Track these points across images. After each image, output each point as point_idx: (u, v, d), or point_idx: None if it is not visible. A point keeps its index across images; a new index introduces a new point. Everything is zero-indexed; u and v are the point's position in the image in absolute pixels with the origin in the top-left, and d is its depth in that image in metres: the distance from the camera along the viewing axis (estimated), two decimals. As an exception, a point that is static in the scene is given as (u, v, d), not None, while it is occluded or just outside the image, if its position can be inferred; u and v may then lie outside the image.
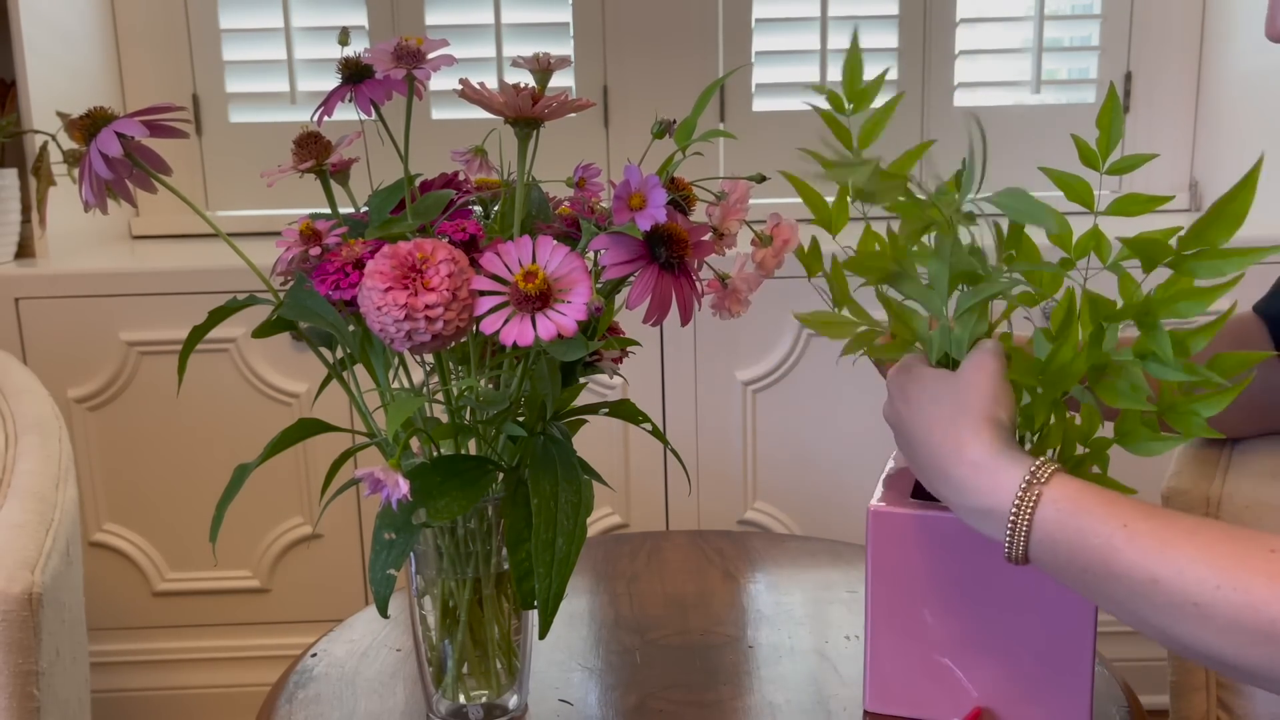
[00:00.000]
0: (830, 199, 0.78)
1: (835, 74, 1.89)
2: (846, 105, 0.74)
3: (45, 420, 1.21)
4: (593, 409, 0.77)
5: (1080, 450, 0.73)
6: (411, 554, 0.76)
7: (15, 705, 0.96)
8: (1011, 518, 0.63)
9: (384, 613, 0.70)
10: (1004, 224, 0.72)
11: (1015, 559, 0.64)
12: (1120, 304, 0.67)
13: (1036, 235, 0.73)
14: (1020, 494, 0.63)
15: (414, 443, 0.75)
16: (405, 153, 0.70)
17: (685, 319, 0.68)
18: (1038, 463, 0.63)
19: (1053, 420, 0.71)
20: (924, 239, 0.72)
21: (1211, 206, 0.64)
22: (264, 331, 0.74)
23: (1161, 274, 0.67)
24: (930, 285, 0.70)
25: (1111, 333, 0.67)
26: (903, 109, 1.91)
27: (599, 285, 0.67)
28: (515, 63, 0.71)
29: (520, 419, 0.73)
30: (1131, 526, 0.60)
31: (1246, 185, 0.63)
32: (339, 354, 0.76)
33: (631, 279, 0.66)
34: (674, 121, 0.70)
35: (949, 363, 0.71)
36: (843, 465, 1.61)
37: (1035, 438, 0.72)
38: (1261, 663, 0.55)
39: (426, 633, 0.78)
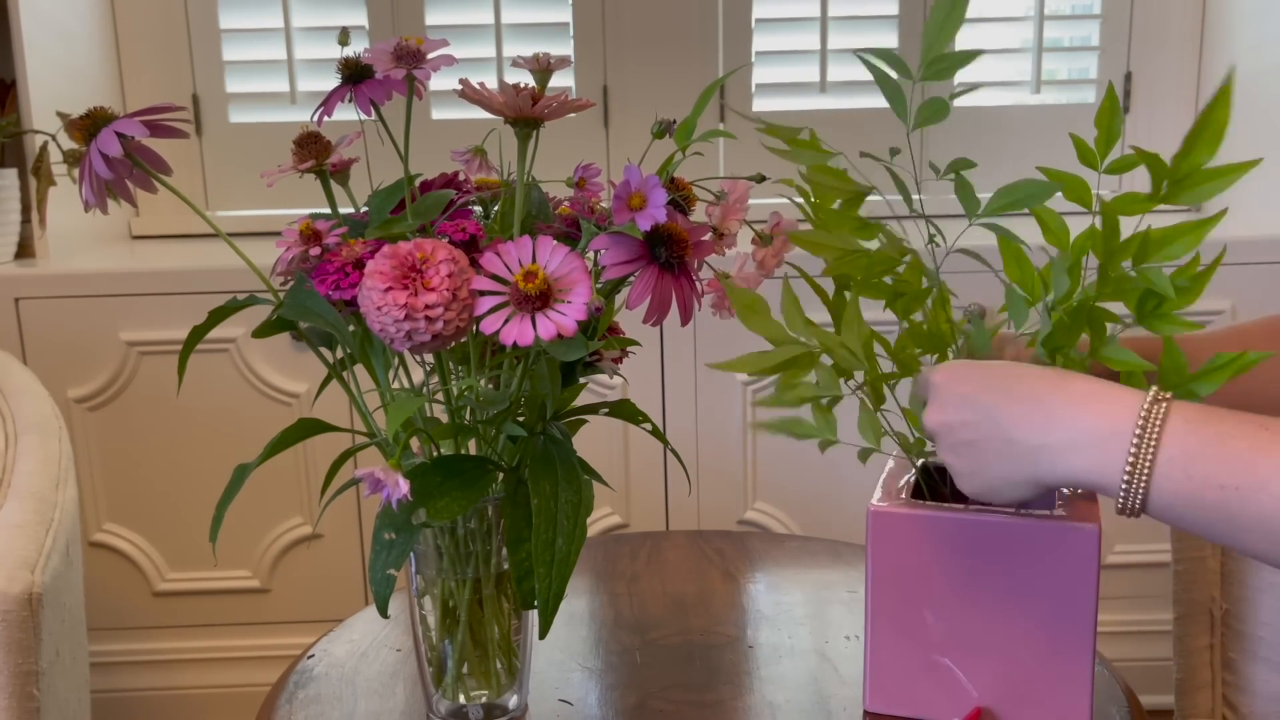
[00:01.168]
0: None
1: (835, 74, 1.89)
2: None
3: (45, 420, 1.21)
4: (593, 409, 0.77)
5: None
6: (411, 554, 0.76)
7: (15, 705, 0.96)
8: (1138, 432, 0.57)
9: (384, 613, 0.70)
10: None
11: (1134, 496, 0.57)
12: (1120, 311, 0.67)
13: (1033, 235, 0.73)
14: (1146, 408, 0.57)
15: (414, 443, 0.75)
16: (405, 153, 0.70)
17: (685, 319, 0.68)
18: (1155, 388, 0.59)
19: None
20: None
21: (1197, 118, 0.64)
22: (264, 331, 0.74)
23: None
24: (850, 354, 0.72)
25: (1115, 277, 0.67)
26: (903, 109, 1.91)
27: (599, 285, 0.67)
28: (515, 63, 0.71)
29: (520, 419, 0.73)
30: (1274, 428, 0.54)
31: (1222, 97, 0.63)
32: (339, 354, 0.76)
33: (631, 279, 0.66)
34: (674, 121, 0.70)
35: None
36: (843, 465, 1.61)
37: None
38: None
39: (426, 633, 0.78)
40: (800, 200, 0.77)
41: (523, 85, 0.69)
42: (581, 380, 0.77)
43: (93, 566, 1.62)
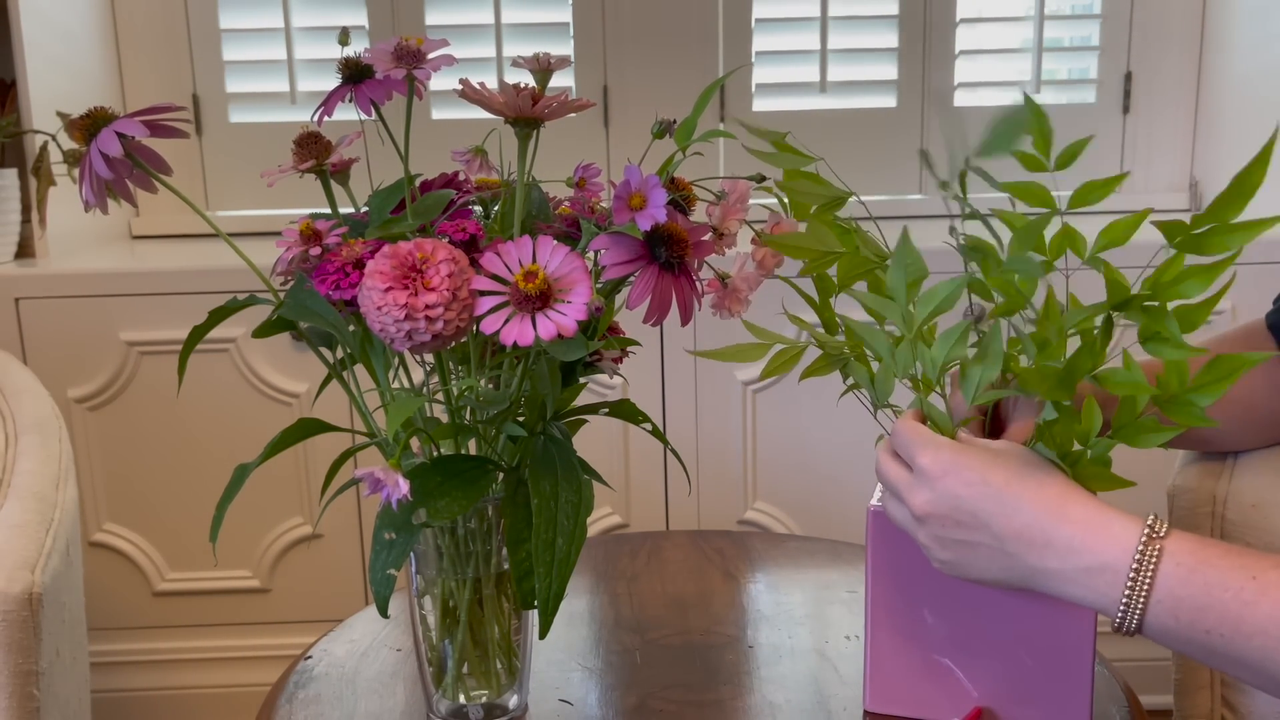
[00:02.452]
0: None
1: (835, 74, 1.89)
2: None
3: (45, 420, 1.21)
4: (593, 409, 0.77)
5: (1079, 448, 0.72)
6: (411, 554, 0.76)
7: (15, 705, 0.96)
8: (1131, 575, 0.59)
9: (384, 613, 0.70)
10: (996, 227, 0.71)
11: (1129, 626, 0.60)
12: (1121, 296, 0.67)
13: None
14: (1141, 548, 0.59)
15: (414, 443, 0.75)
16: (405, 153, 0.70)
17: (685, 319, 0.68)
18: (1153, 516, 0.61)
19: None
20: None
21: (1231, 181, 0.63)
22: (264, 331, 0.74)
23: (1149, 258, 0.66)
24: (889, 295, 0.70)
25: (1107, 325, 0.67)
26: (903, 109, 1.91)
27: (599, 285, 0.67)
28: (515, 63, 0.71)
29: (520, 419, 0.73)
30: (1262, 578, 0.56)
31: (1261, 160, 0.62)
32: (339, 354, 0.76)
33: (631, 279, 0.66)
34: (674, 121, 0.70)
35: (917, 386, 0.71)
36: (843, 465, 1.61)
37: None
38: None
39: (426, 633, 0.78)
40: (775, 203, 0.78)
41: (523, 85, 0.69)
42: (581, 380, 0.77)
43: (93, 566, 1.62)
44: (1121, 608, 0.60)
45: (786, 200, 0.77)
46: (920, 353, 0.69)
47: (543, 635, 0.69)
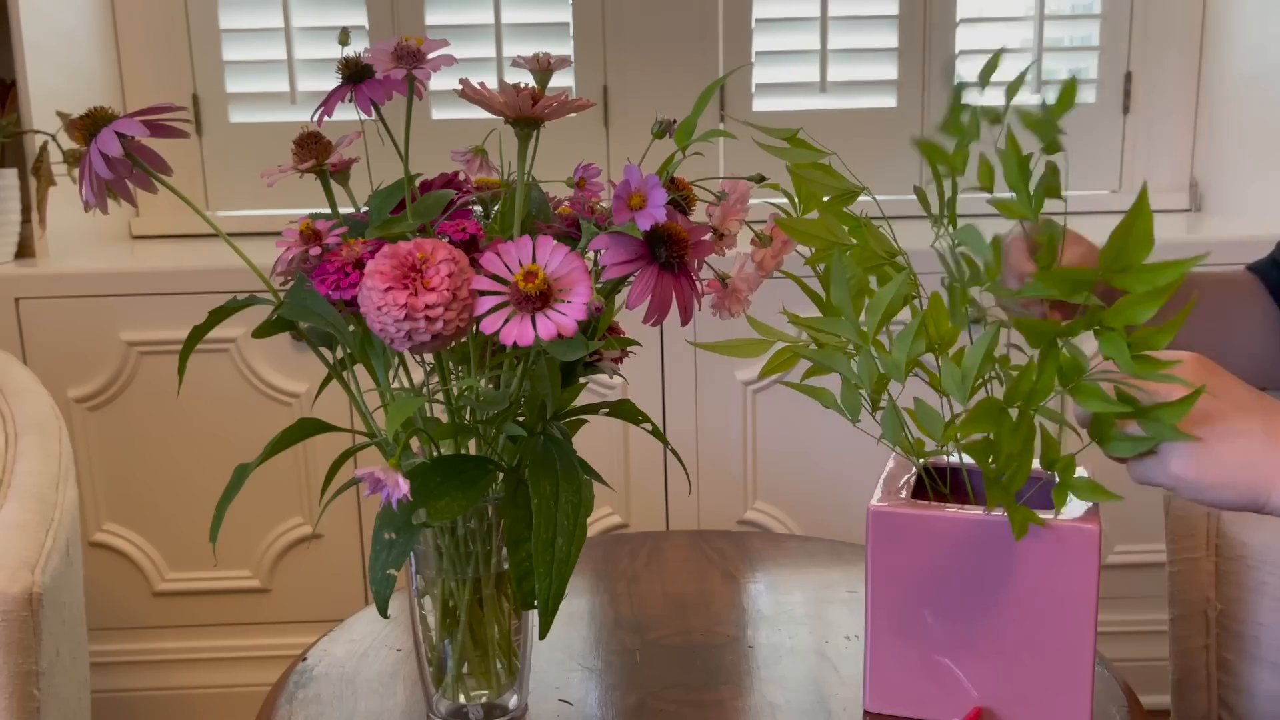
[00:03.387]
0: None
1: (835, 74, 1.89)
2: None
3: (45, 420, 1.21)
4: (593, 409, 0.77)
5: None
6: (411, 554, 0.76)
7: (15, 705, 0.96)
8: None
9: (384, 613, 0.70)
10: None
11: None
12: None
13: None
14: None
15: (414, 443, 0.75)
16: (405, 153, 0.70)
17: (685, 319, 0.68)
18: None
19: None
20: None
21: (1111, 235, 0.63)
22: (264, 331, 0.74)
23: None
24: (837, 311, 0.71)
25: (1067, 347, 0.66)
26: (903, 110, 1.91)
27: (599, 285, 0.67)
28: (515, 63, 0.71)
29: (520, 419, 0.73)
30: None
31: (1140, 209, 0.62)
32: (339, 354, 0.76)
33: (631, 279, 0.66)
34: (674, 121, 0.70)
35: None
36: (843, 465, 1.61)
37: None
38: None
39: (426, 633, 0.78)
40: (783, 201, 0.78)
41: (523, 85, 0.69)
42: (581, 380, 0.77)
43: (93, 566, 1.62)
44: None
45: (795, 197, 0.77)
46: (882, 359, 0.70)
47: (543, 635, 0.69)
